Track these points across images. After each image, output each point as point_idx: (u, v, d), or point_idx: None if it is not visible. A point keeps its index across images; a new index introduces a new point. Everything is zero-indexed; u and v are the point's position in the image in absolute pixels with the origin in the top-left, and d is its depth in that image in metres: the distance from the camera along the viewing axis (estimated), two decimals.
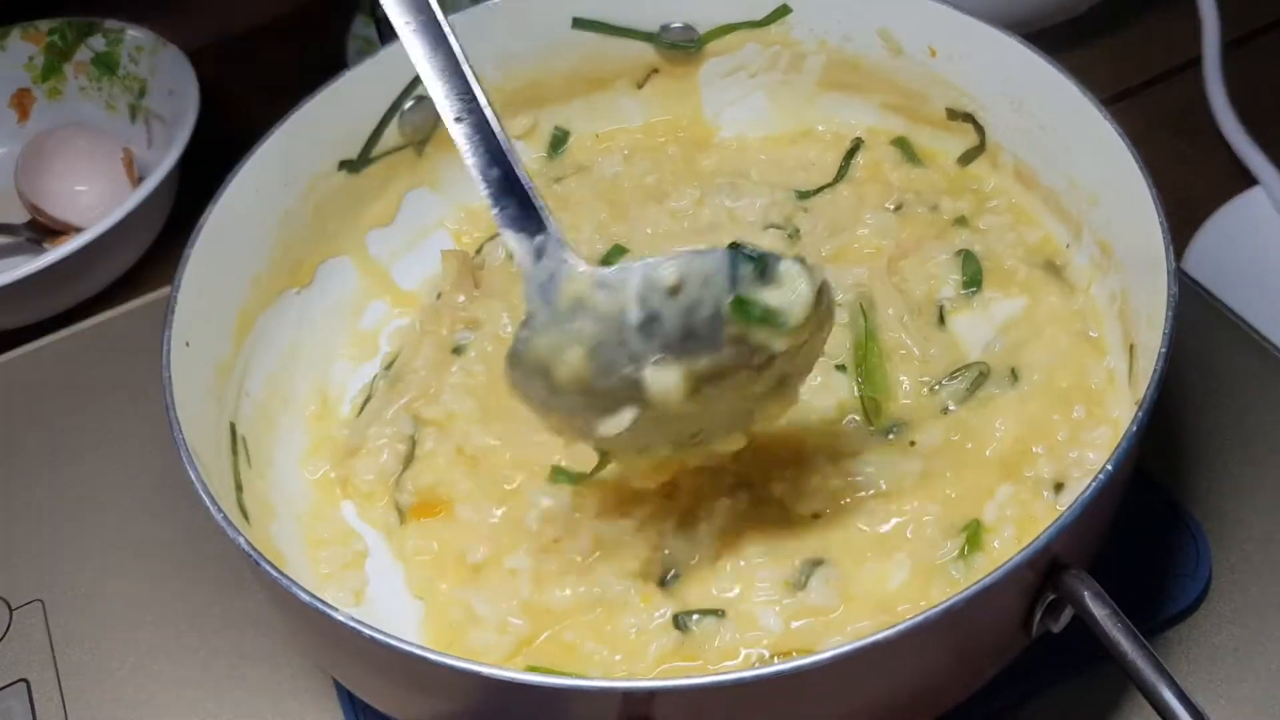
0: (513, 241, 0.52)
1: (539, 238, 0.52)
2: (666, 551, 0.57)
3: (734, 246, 0.50)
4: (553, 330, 0.51)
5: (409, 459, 0.64)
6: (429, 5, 0.54)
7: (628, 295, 0.50)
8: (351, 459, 0.65)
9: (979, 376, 0.62)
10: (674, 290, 0.49)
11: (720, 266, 0.49)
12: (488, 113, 0.53)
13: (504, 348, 0.66)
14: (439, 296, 0.71)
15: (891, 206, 0.71)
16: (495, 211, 0.52)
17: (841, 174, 0.74)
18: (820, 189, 0.74)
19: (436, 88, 0.53)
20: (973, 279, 0.67)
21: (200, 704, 0.64)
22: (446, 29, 0.53)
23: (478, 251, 0.74)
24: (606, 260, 0.70)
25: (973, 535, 0.56)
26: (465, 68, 0.53)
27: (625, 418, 0.51)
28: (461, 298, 0.70)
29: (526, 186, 0.52)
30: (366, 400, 0.69)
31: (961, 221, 0.70)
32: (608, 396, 0.51)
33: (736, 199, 0.73)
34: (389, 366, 0.70)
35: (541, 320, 0.51)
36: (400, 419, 0.66)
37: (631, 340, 0.50)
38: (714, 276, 0.49)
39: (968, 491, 0.58)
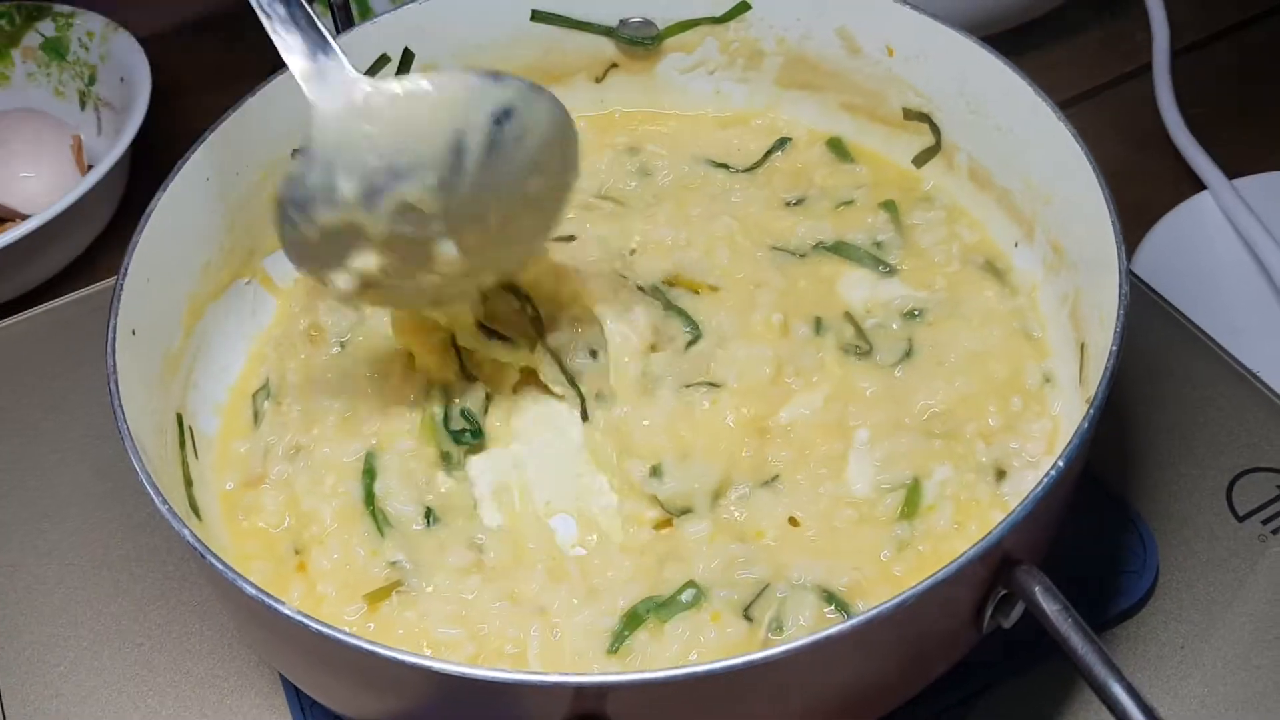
0: (295, 64, 0.52)
1: (320, 61, 0.52)
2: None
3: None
4: (327, 163, 0.51)
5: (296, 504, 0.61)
6: None
7: (431, 116, 0.50)
8: (255, 488, 0.62)
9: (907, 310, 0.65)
10: (501, 117, 0.51)
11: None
12: None
13: (346, 359, 0.66)
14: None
15: (793, 200, 0.72)
16: (281, 43, 0.52)
17: (760, 163, 0.75)
18: (725, 166, 0.75)
19: None
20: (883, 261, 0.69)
21: (143, 699, 0.63)
22: None
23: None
24: None
25: (912, 492, 0.57)
26: None
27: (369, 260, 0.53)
28: (305, 321, 0.68)
29: (308, 16, 0.52)
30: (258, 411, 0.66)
31: (888, 208, 0.70)
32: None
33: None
34: (265, 386, 0.66)
35: (317, 149, 0.51)
36: (293, 457, 0.62)
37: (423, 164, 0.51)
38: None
39: (907, 445, 0.59)
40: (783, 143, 0.75)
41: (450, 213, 0.53)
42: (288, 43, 0.52)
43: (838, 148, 0.75)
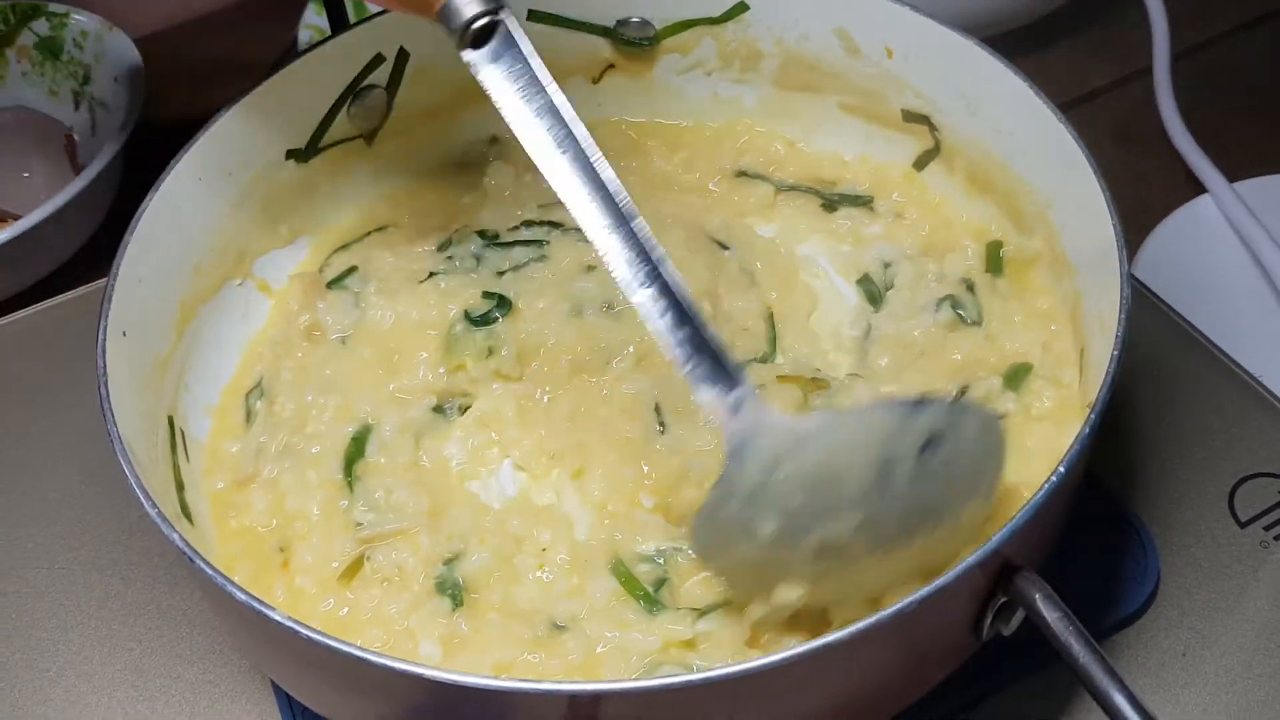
0: (707, 397, 0.50)
1: (735, 393, 0.50)
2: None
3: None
4: (747, 497, 0.49)
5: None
6: (599, 180, 0.51)
7: (855, 450, 0.48)
8: (245, 488, 0.61)
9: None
10: (929, 446, 0.48)
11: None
12: (668, 271, 0.50)
13: (338, 349, 0.66)
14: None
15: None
16: (687, 370, 0.50)
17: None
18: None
19: (617, 258, 0.50)
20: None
21: (133, 705, 0.62)
22: (617, 193, 0.50)
23: (323, 269, 0.71)
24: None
25: None
26: (639, 233, 0.50)
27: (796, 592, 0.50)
28: (305, 318, 0.67)
29: (716, 342, 0.50)
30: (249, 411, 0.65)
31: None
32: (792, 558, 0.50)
33: None
34: (258, 385, 0.66)
35: (735, 485, 0.50)
36: (283, 455, 0.62)
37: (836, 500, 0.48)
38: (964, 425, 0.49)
39: None
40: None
41: (872, 544, 0.50)
42: (695, 372, 0.50)
43: None
